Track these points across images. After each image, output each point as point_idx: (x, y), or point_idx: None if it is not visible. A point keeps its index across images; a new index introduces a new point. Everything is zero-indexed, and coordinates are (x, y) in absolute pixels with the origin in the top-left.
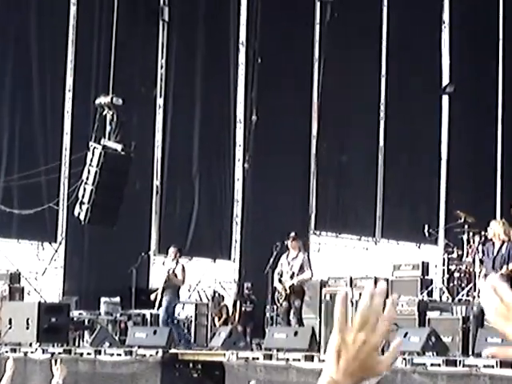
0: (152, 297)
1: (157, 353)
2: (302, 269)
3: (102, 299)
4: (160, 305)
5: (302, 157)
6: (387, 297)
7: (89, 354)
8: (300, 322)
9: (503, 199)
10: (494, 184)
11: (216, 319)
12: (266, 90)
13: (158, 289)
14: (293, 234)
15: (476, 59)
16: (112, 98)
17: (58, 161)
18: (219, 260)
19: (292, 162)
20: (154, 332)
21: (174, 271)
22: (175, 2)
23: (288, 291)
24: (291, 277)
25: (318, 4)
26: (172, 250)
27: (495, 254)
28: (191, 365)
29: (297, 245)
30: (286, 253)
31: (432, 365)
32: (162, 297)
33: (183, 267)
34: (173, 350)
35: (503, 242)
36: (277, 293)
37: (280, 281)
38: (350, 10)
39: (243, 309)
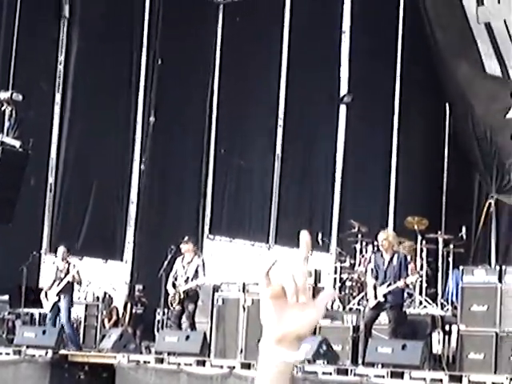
0: (44, 296)
1: (46, 353)
2: (196, 273)
3: None
4: (53, 306)
5: (199, 160)
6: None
7: None
8: (192, 326)
9: (396, 210)
10: (387, 194)
11: (106, 321)
12: (165, 91)
13: (48, 288)
14: (187, 238)
15: (374, 70)
16: (12, 94)
17: None
18: (111, 261)
19: (189, 166)
20: (43, 332)
21: (73, 272)
22: None
23: (182, 296)
24: (186, 281)
25: (220, 7)
26: (62, 250)
27: (386, 265)
28: (80, 366)
29: (192, 249)
30: (181, 256)
31: (323, 373)
32: (59, 298)
33: (75, 265)
34: (62, 351)
35: (393, 254)
36: (170, 296)
37: (174, 285)
38: (251, 15)
39: (133, 311)
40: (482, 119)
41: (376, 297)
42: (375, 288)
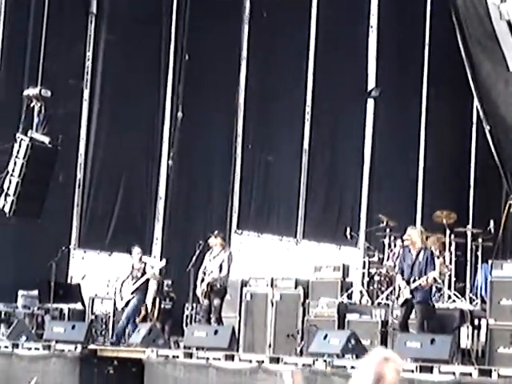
0: (119, 297)
1: (75, 348)
2: (220, 268)
3: (20, 292)
4: (127, 303)
5: (226, 155)
6: None
7: (6, 347)
8: (219, 321)
9: (424, 204)
10: (415, 189)
11: None
12: (193, 87)
13: (121, 286)
14: (216, 232)
15: (402, 64)
16: (41, 90)
17: None
18: None
19: (217, 161)
20: (73, 327)
21: (150, 272)
22: None
23: (205, 289)
24: (209, 275)
25: (247, 2)
26: (138, 251)
27: (413, 261)
28: (110, 361)
29: (220, 243)
30: (210, 251)
31: (352, 367)
32: (133, 297)
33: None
34: (92, 346)
35: (420, 250)
36: (198, 291)
37: (203, 279)
38: (278, 10)
39: (162, 306)
40: (504, 119)
41: (404, 293)
42: (408, 283)
